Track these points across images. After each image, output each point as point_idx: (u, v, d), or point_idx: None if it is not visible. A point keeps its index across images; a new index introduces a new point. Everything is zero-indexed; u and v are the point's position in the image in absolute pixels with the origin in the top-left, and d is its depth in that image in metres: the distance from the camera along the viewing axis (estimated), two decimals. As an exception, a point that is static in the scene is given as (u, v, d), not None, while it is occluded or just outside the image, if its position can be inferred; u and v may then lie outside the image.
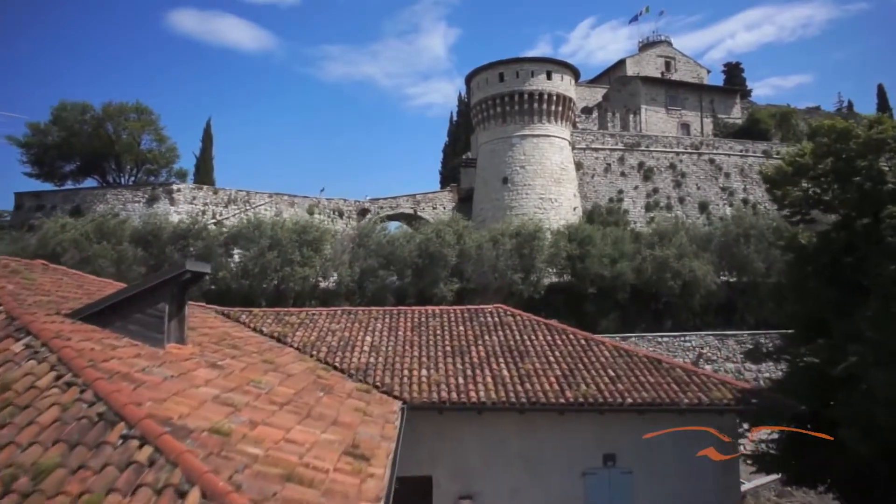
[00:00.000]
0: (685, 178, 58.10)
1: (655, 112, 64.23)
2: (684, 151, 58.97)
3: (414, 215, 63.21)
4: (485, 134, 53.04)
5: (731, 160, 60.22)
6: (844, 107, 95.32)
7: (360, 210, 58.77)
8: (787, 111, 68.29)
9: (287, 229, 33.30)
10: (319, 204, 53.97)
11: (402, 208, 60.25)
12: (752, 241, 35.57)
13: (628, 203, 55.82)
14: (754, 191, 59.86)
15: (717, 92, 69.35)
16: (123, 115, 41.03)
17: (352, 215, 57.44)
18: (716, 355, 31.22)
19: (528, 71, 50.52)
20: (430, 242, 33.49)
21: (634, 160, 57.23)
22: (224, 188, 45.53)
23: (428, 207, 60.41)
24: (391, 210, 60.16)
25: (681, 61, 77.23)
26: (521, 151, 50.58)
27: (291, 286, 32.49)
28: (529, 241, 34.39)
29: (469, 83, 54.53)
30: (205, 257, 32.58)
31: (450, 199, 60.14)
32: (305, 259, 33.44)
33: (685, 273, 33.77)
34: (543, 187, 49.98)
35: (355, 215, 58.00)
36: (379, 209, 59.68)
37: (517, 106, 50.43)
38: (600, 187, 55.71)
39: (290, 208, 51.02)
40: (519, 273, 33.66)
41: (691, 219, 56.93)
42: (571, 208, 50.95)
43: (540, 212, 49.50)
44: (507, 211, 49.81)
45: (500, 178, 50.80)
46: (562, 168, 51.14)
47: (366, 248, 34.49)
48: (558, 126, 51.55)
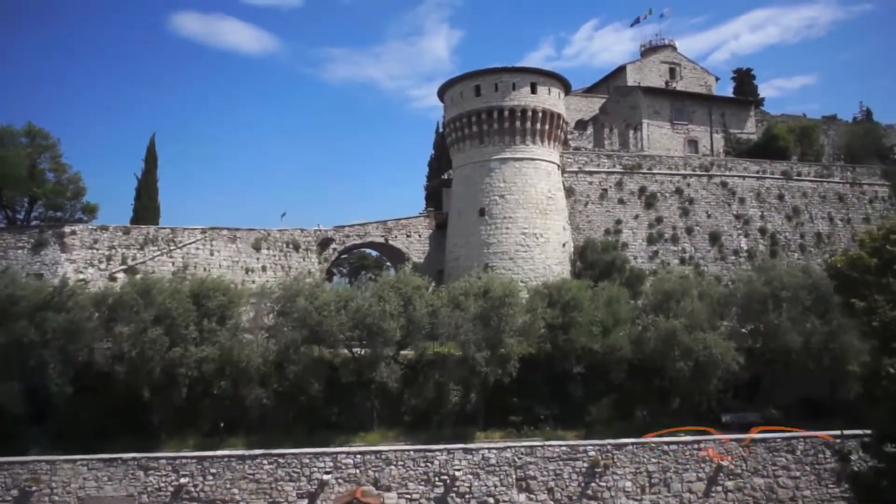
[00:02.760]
0: (693, 204, 50.37)
1: (659, 127, 56.50)
2: (692, 174, 51.25)
3: (385, 245, 55.99)
4: (459, 157, 45.43)
5: (746, 183, 52.47)
6: (862, 114, 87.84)
7: (322, 241, 51.31)
8: (809, 125, 60.54)
9: (182, 295, 25.64)
10: (269, 237, 46.40)
11: (372, 236, 52.94)
12: (783, 304, 27.73)
13: (627, 235, 48.09)
14: (773, 218, 52.18)
15: (729, 103, 61.56)
16: (10, 139, 33.48)
17: (310, 248, 49.96)
18: (740, 467, 23.49)
19: (509, 83, 42.86)
20: (369, 313, 25.84)
21: (634, 185, 49.51)
22: (140, 226, 37.95)
23: (401, 235, 53.04)
24: (359, 239, 52.85)
25: (686, 68, 69.58)
26: (500, 178, 42.92)
27: (184, 372, 24.89)
28: (498, 307, 26.68)
29: (442, 97, 46.93)
30: (73, 336, 25.01)
31: (426, 225, 52.72)
32: (206, 334, 25.85)
33: (698, 350, 26.03)
34: (527, 220, 42.29)
35: (315, 248, 50.53)
36: (344, 238, 52.31)
37: (496, 124, 42.77)
38: (595, 217, 47.99)
39: (231, 244, 43.52)
40: (484, 351, 25.97)
41: (700, 252, 49.27)
42: (560, 244, 43.23)
43: (523, 250, 41.89)
44: (483, 248, 42.18)
45: (476, 210, 43.14)
46: (549, 197, 43.44)
47: (288, 316, 26.85)
48: (545, 147, 43.88)
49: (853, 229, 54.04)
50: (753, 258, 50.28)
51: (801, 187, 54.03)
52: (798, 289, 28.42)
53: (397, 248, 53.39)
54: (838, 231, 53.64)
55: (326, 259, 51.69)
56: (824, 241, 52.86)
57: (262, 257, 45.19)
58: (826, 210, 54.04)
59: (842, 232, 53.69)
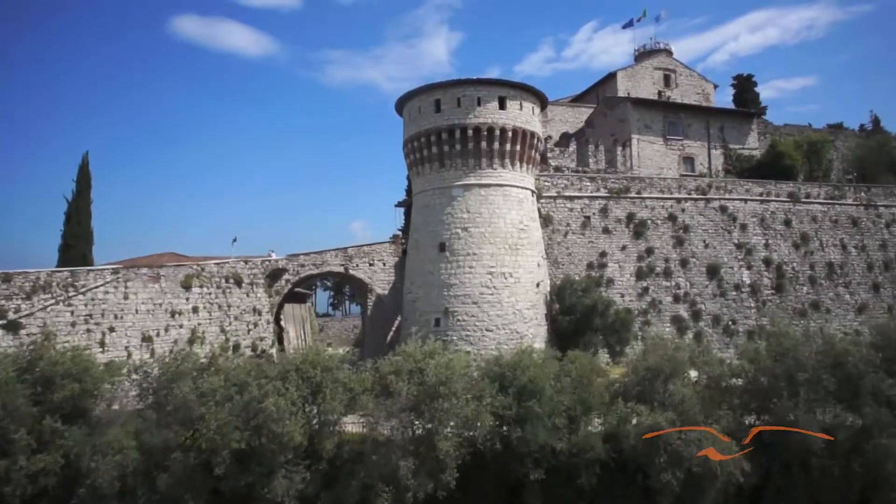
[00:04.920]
0: (689, 232, 44.29)
1: (650, 143, 50.42)
2: (687, 197, 45.16)
3: (345, 274, 50.08)
4: (419, 182, 39.34)
5: (749, 207, 46.40)
6: (871, 123, 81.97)
7: (271, 273, 45.28)
8: (818, 139, 54.40)
9: (12, 387, 19.48)
10: (202, 273, 40.26)
11: (330, 265, 47.06)
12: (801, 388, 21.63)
13: (613, 269, 42.02)
14: (779, 246, 46.14)
15: (728, 116, 55.45)
16: None
17: (256, 281, 43.93)
18: None
19: (473, 98, 36.74)
20: (263, 411, 19.73)
21: (622, 211, 43.42)
22: (27, 271, 31.80)
23: (363, 264, 47.13)
24: (315, 268, 46.88)
25: (682, 74, 63.67)
26: (463, 207, 36.82)
27: (10, 491, 18.77)
28: (432, 397, 20.59)
29: (401, 112, 40.84)
30: None
31: (391, 252, 46.75)
32: (49, 436, 19.74)
33: (690, 458, 19.95)
34: (494, 257, 36.20)
35: (262, 281, 44.51)
36: (298, 268, 46.30)
37: (458, 145, 36.67)
38: (576, 249, 41.90)
39: (152, 284, 37.39)
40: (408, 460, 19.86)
41: (697, 288, 43.20)
42: (533, 284, 37.11)
43: (489, 292, 35.81)
44: (443, 290, 36.09)
45: (435, 244, 37.03)
46: (521, 228, 37.34)
47: (161, 409, 20.74)
48: (516, 171, 37.78)
49: (868, 257, 48.05)
50: (757, 293, 44.30)
51: (810, 211, 47.97)
52: (819, 368, 22.31)
53: (359, 278, 47.58)
54: (852, 260, 47.60)
55: (278, 292, 45.71)
56: (836, 271, 46.83)
57: (193, 296, 39.08)
58: (838, 236, 47.99)
59: (856, 261, 47.65)
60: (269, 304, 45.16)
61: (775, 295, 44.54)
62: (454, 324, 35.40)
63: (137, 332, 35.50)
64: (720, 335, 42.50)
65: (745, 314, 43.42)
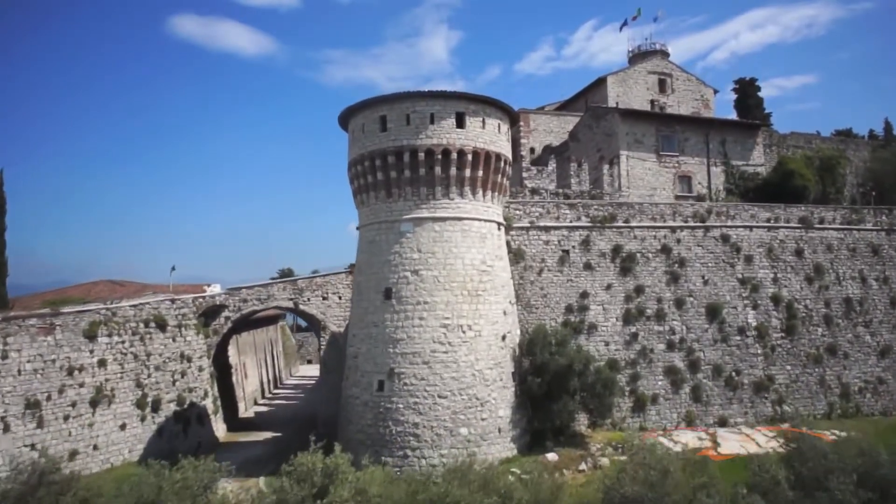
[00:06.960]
0: (685, 267, 38.08)
1: (642, 161, 44.18)
2: (684, 225, 38.95)
3: (295, 309, 44.17)
4: (363, 213, 33.11)
5: (755, 235, 40.18)
6: (883, 131, 76.27)
7: (207, 310, 39.44)
8: (831, 154, 48.13)
9: None
10: (114, 318, 34.29)
11: (277, 300, 41.29)
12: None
13: (596, 312, 35.81)
14: (789, 280, 39.93)
15: (731, 128, 49.20)
16: None
17: (185, 322, 38.02)
18: None
19: (425, 114, 30.49)
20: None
21: (606, 243, 37.21)
22: None
23: (315, 298, 41.30)
24: (260, 303, 41.11)
25: (679, 79, 57.58)
26: (414, 246, 30.60)
27: None
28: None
29: (345, 127, 34.62)
30: None
31: (347, 284, 40.86)
32: None
33: None
34: (450, 306, 29.96)
35: (193, 321, 38.56)
36: (240, 304, 40.49)
37: (408, 171, 30.44)
38: (552, 289, 35.69)
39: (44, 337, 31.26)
40: None
41: (694, 332, 37.07)
42: (498, 338, 30.90)
43: (442, 350, 29.60)
44: (389, 346, 29.88)
45: (380, 290, 30.80)
46: (483, 270, 31.12)
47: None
48: (478, 201, 31.56)
49: (891, 291, 41.86)
50: (764, 337, 38.11)
51: (825, 238, 41.74)
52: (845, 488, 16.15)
53: (310, 314, 41.68)
54: (872, 295, 41.38)
55: (216, 331, 39.75)
56: (855, 309, 40.63)
57: (99, 347, 33.04)
58: (857, 267, 41.76)
59: (877, 296, 41.43)
60: (205, 347, 39.21)
61: (785, 339, 38.35)
62: (400, 388, 29.22)
63: (20, 399, 29.43)
64: (722, 388, 36.38)
65: (750, 362, 37.25)
